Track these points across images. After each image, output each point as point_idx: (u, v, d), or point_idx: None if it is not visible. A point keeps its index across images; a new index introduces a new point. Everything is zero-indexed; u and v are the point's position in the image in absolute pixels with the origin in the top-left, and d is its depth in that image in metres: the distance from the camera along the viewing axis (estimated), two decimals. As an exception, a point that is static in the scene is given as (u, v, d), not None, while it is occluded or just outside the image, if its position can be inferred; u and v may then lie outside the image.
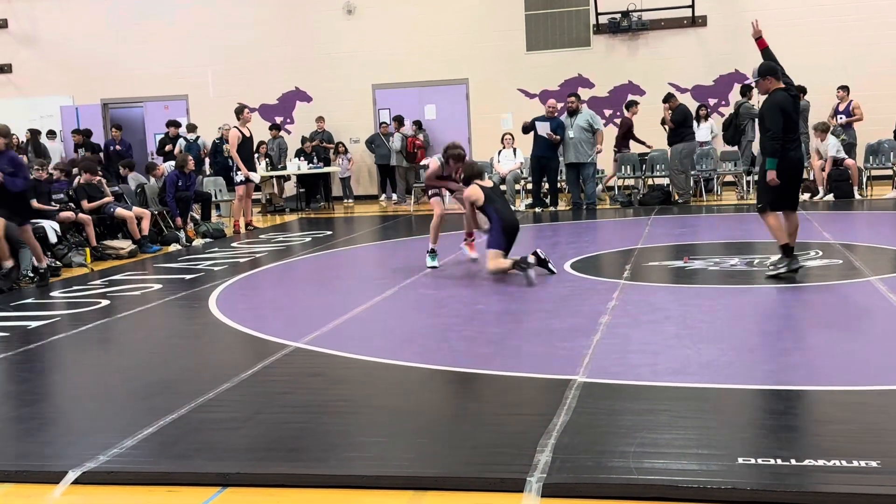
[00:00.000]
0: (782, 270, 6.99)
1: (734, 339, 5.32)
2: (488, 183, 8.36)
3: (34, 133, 17.31)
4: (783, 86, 7.08)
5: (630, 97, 15.68)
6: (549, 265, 7.77)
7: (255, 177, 13.11)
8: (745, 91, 14.65)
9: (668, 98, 14.01)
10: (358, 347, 5.47)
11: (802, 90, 12.86)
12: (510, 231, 7.80)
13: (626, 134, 14.79)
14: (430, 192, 9.05)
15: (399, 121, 16.76)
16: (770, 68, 7.09)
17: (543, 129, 13.42)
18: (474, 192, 7.96)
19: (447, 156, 8.59)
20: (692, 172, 14.40)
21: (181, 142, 15.93)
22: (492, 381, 4.70)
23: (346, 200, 17.06)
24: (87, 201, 11.06)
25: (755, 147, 14.59)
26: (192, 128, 16.47)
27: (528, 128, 13.50)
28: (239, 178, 12.73)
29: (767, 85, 7.07)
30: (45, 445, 3.99)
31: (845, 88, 14.09)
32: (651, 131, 14.95)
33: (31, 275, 8.93)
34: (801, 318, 5.88)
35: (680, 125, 13.68)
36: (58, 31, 18.59)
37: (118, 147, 16.42)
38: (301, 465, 3.58)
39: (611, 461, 3.43)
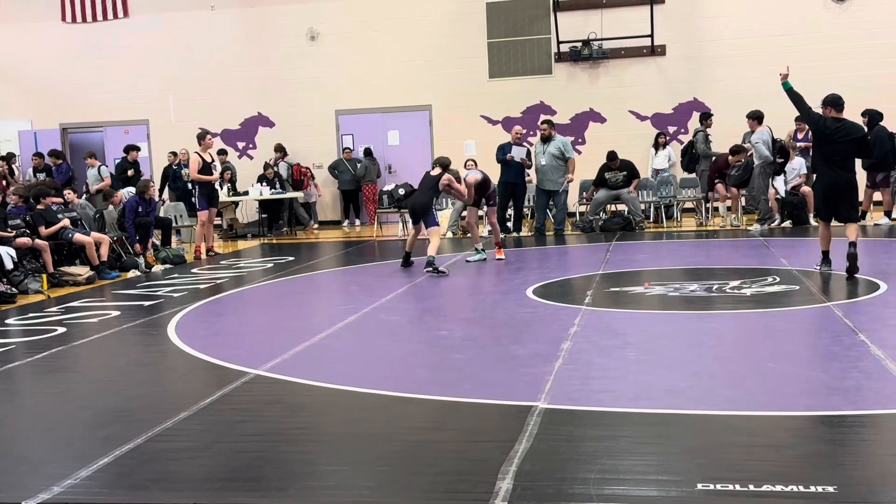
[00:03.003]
0: (817, 269, 8.57)
1: (694, 364, 5.36)
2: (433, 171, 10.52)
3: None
4: (838, 116, 8.36)
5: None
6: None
7: (217, 168, 13.19)
8: (704, 119, 14.87)
9: None
10: (319, 374, 5.44)
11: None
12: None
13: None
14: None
15: (281, 150, 16.89)
16: (831, 100, 8.43)
17: (518, 153, 13.51)
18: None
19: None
20: (652, 199, 14.60)
21: (92, 172, 15.00)
22: (453, 408, 4.68)
23: (312, 224, 16.97)
24: (45, 227, 10.90)
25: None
26: (56, 154, 15.68)
27: (507, 154, 13.58)
28: (216, 183, 12.70)
29: (826, 113, 8.42)
30: (-3, 477, 3.91)
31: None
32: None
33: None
34: (761, 344, 5.95)
35: None
36: (15, 55, 18.39)
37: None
38: (260, 495, 3.53)
39: (572, 488, 3.43)
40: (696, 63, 16.16)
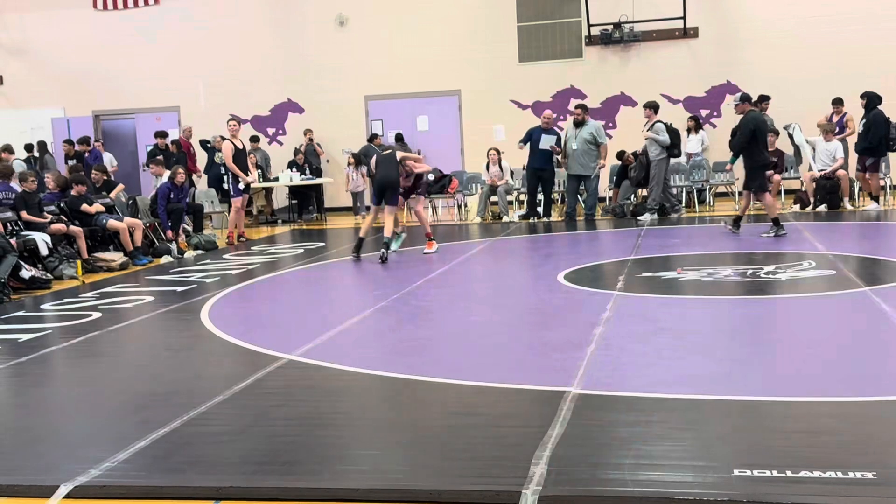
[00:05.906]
0: (771, 234, 10.22)
1: (728, 350, 5.32)
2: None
3: (42, 146, 17.22)
4: (755, 109, 10.60)
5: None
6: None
7: (253, 176, 13.12)
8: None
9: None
10: (351, 359, 5.45)
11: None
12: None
13: None
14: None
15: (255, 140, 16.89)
16: (747, 96, 10.69)
17: (547, 141, 13.46)
18: None
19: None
20: (685, 184, 14.46)
21: (17, 163, 14.29)
22: (486, 393, 4.68)
23: (360, 213, 16.28)
24: (83, 209, 11.04)
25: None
26: (39, 146, 15.64)
27: (527, 140, 13.55)
28: (241, 185, 12.74)
29: (744, 108, 10.49)
30: (37, 459, 3.96)
31: (839, 101, 14.12)
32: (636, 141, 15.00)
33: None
34: (795, 329, 5.88)
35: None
36: (49, 43, 18.58)
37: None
38: (294, 479, 3.55)
39: (606, 473, 3.42)
40: (728, 45, 15.97)
